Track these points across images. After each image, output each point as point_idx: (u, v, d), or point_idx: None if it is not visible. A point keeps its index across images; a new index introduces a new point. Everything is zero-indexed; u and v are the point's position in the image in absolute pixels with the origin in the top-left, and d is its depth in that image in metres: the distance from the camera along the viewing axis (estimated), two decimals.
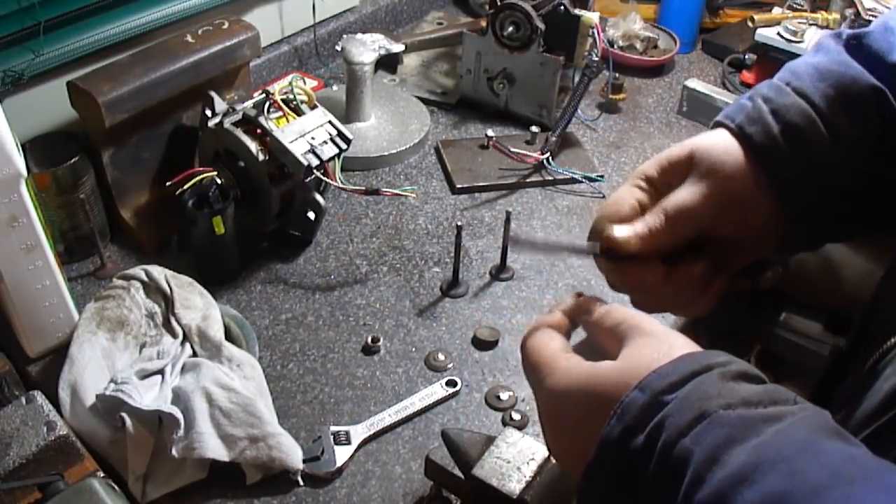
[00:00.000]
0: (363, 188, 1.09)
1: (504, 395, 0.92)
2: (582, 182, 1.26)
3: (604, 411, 0.43)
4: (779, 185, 0.54)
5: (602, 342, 0.50)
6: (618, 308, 0.50)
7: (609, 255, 0.54)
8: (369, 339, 0.98)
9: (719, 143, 0.55)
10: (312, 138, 1.04)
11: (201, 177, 1.01)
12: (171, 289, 0.94)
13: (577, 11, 1.28)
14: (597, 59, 1.28)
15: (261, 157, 1.02)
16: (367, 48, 1.29)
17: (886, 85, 0.54)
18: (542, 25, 1.28)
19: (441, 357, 0.97)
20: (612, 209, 0.56)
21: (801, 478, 0.35)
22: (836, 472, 0.35)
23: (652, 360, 0.43)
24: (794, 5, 1.48)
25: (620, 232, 0.53)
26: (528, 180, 1.25)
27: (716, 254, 0.56)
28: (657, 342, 0.45)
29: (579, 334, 0.55)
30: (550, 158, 1.25)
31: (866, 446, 0.38)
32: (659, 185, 0.57)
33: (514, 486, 0.71)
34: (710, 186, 0.54)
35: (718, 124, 0.57)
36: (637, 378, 0.42)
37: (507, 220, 1.05)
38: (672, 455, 0.39)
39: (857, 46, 0.56)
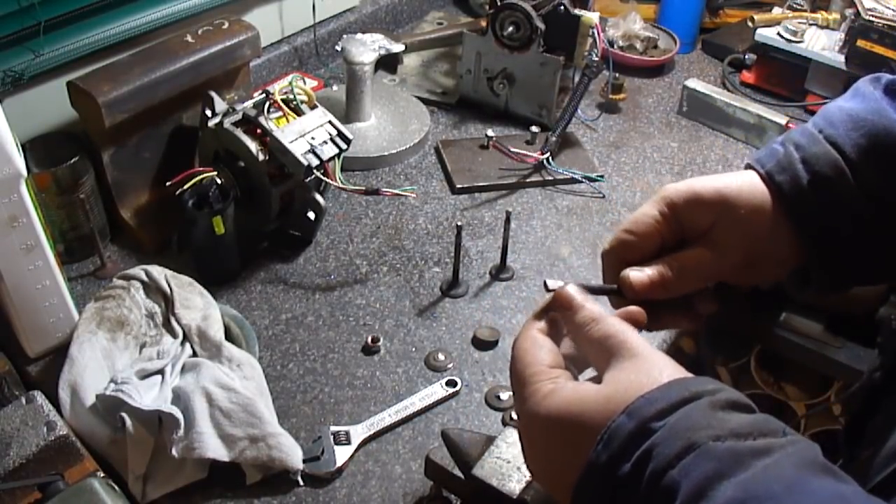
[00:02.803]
0: (363, 188, 1.09)
1: (504, 395, 0.92)
2: (582, 182, 1.26)
3: (588, 437, 0.42)
4: (804, 236, 0.55)
5: (586, 352, 0.49)
6: (606, 319, 0.48)
7: (621, 293, 0.56)
8: (369, 339, 0.98)
9: (746, 189, 0.55)
10: (312, 138, 1.04)
11: (201, 177, 1.01)
12: (171, 289, 0.94)
13: (577, 11, 1.28)
14: (597, 59, 1.28)
15: (261, 157, 1.02)
16: (367, 48, 1.29)
17: None
18: (542, 25, 1.28)
19: (441, 357, 0.97)
20: (631, 230, 0.56)
21: None
22: None
23: (639, 386, 0.42)
24: (794, 5, 1.48)
25: (636, 278, 0.54)
26: (528, 180, 1.25)
27: (719, 287, 0.57)
28: (645, 365, 0.44)
29: None
30: (550, 158, 1.25)
31: (890, 486, 0.37)
32: (682, 216, 0.56)
33: (514, 486, 0.71)
34: (734, 250, 0.55)
35: (749, 167, 0.58)
36: (623, 404, 0.41)
37: (507, 220, 1.05)
38: (660, 486, 0.38)
39: (895, 92, 0.56)
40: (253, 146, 1.02)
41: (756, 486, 0.36)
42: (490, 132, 1.28)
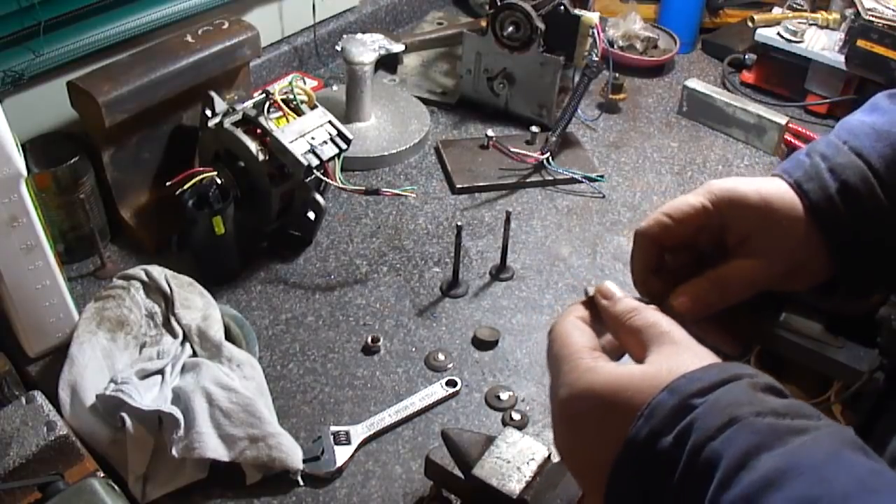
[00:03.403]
0: (363, 188, 1.09)
1: (504, 395, 0.92)
2: (582, 182, 1.26)
3: (627, 414, 0.43)
4: (833, 244, 0.55)
5: (624, 340, 0.50)
6: (648, 310, 0.50)
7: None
8: (369, 339, 0.98)
9: (787, 197, 0.56)
10: (312, 138, 1.04)
11: (201, 177, 1.01)
12: (171, 289, 0.94)
13: (577, 11, 1.28)
14: (597, 59, 1.28)
15: (261, 157, 1.02)
16: (367, 48, 1.29)
17: None
18: (542, 25, 1.28)
19: (441, 357, 0.97)
20: (670, 213, 0.56)
21: (829, 486, 0.36)
22: (862, 482, 0.36)
23: (681, 366, 0.44)
24: (794, 5, 1.48)
25: (680, 304, 0.55)
26: (528, 180, 1.25)
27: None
28: (687, 352, 0.46)
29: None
30: (550, 158, 1.25)
31: None
32: (725, 214, 0.56)
33: (514, 486, 0.71)
34: (777, 259, 0.55)
35: (776, 177, 0.58)
36: (664, 382, 0.43)
37: (507, 220, 1.05)
38: (700, 458, 0.39)
39: None
40: (253, 146, 1.02)
41: (795, 459, 0.37)
42: (490, 132, 1.28)
